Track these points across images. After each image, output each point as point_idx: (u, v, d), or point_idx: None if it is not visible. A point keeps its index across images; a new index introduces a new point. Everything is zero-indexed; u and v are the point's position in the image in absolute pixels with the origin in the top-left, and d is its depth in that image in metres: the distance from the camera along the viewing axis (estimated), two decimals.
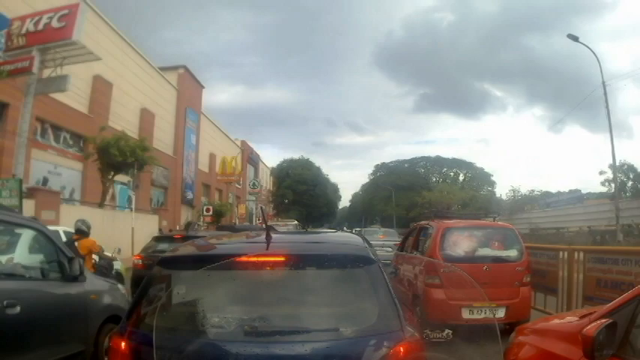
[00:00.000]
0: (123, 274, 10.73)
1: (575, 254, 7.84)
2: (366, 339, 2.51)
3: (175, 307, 2.80)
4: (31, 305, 4.23)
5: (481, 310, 6.91)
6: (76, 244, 7.63)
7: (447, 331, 2.47)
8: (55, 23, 15.09)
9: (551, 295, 8.21)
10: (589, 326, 2.36)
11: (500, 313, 7.04)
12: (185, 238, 9.59)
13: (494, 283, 6.97)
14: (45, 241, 4.88)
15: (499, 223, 9.00)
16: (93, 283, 5.46)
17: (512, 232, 8.07)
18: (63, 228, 8.82)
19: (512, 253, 7.64)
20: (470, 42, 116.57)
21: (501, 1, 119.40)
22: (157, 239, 11.88)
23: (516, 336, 3.58)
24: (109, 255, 8.96)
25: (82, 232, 8.40)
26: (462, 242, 7.57)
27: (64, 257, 4.90)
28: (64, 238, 7.84)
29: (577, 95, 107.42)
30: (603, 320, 2.39)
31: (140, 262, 10.79)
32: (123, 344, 2.60)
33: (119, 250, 11.02)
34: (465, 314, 6.83)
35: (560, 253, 8.32)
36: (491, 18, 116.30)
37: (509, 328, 6.46)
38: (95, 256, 8.41)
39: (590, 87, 65.07)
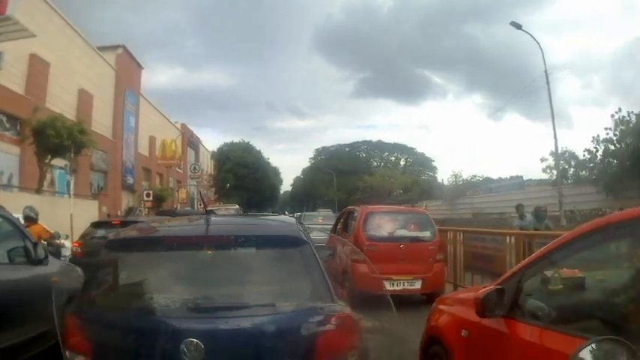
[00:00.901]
0: None
1: (522, 240, 7.97)
2: (301, 313, 2.73)
3: (123, 287, 3.04)
4: (2, 288, 4.49)
5: (400, 283, 8.08)
6: None
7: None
8: None
9: None
10: (480, 292, 2.89)
11: (417, 285, 8.25)
12: (123, 224, 9.45)
13: (410, 259, 8.20)
14: (11, 227, 5.18)
15: (416, 208, 10.40)
16: (54, 266, 5.77)
17: (427, 216, 9.34)
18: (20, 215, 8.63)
19: (426, 234, 8.81)
20: (410, 28, 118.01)
21: None
22: (96, 225, 11.61)
23: (437, 305, 4.12)
24: (58, 242, 8.85)
25: (30, 218, 8.40)
26: (382, 224, 8.72)
27: (29, 242, 5.20)
28: None
29: (516, 84, 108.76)
30: (492, 287, 2.89)
31: (79, 249, 10.48)
32: (75, 323, 2.78)
33: (66, 236, 10.78)
34: (387, 286, 7.78)
35: (507, 238, 8.46)
36: (432, 5, 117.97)
37: (426, 298, 8.08)
38: (44, 242, 8.30)
39: (529, 77, 65.65)
